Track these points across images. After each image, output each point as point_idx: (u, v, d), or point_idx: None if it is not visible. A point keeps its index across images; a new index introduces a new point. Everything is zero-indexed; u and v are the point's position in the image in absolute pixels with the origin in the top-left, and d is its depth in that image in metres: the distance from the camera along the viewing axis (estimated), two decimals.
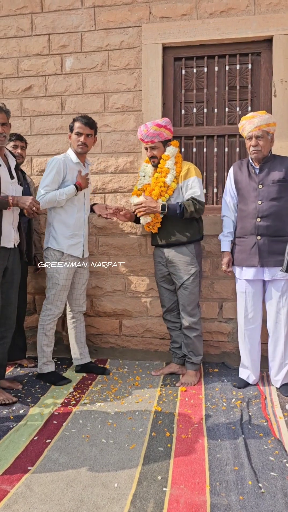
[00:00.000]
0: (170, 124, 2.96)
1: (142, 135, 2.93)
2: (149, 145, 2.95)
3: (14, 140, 3.15)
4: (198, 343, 3.00)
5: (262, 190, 2.72)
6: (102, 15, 3.40)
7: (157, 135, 2.90)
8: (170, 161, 2.92)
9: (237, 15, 3.20)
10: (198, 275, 2.97)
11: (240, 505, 1.71)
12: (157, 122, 2.90)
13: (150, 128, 2.90)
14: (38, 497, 1.76)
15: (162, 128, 2.90)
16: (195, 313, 2.98)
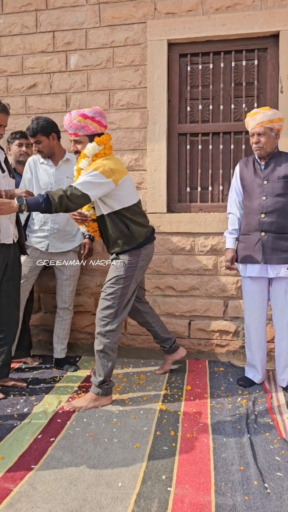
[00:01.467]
0: (101, 116, 2.54)
1: (66, 126, 2.55)
2: (73, 138, 2.57)
3: (19, 138, 3.13)
4: (102, 361, 2.54)
5: (267, 186, 2.69)
6: (107, 12, 3.38)
7: (81, 128, 2.51)
8: (84, 160, 2.53)
9: (243, 11, 3.17)
10: (121, 282, 2.53)
11: (245, 506, 1.69)
12: (82, 112, 2.50)
13: (73, 119, 2.50)
14: (42, 496, 1.75)
15: (88, 120, 2.49)
16: (106, 322, 2.54)
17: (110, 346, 2.55)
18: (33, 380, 2.99)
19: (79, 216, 2.58)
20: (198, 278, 3.37)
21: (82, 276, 3.56)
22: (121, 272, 2.55)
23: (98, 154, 2.54)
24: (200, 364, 3.27)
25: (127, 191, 2.56)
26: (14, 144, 3.13)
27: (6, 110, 2.61)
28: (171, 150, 3.43)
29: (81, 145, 2.57)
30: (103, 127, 2.58)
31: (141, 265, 2.63)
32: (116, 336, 2.57)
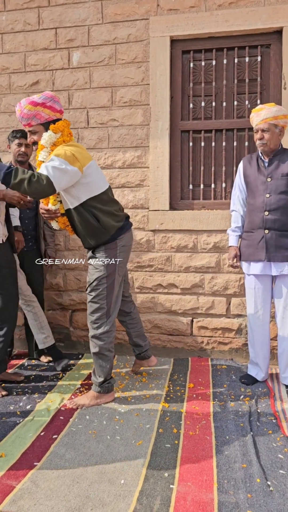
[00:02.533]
0: (53, 101, 2.37)
1: (18, 117, 2.39)
2: (27, 129, 2.42)
3: (19, 138, 3.09)
4: (100, 362, 2.52)
5: (270, 184, 2.68)
6: (110, 8, 3.36)
7: (33, 117, 2.34)
8: (43, 152, 2.37)
9: (246, 7, 3.15)
10: (104, 281, 2.45)
11: (248, 503, 1.68)
12: (31, 99, 2.33)
13: (23, 108, 2.33)
14: (44, 493, 1.75)
15: (39, 107, 2.32)
16: (99, 325, 2.48)
17: (106, 347, 2.51)
18: (36, 378, 2.99)
19: (47, 213, 2.46)
20: (201, 276, 3.36)
21: (85, 273, 3.56)
22: (102, 272, 2.45)
23: (57, 143, 2.37)
24: (203, 362, 3.26)
25: (94, 178, 2.39)
26: (13, 143, 3.11)
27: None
28: (174, 147, 3.41)
29: (37, 135, 2.41)
30: (57, 112, 2.40)
31: (120, 258, 2.50)
32: (110, 336, 2.52)
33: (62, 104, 3.47)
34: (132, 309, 2.89)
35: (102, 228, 2.42)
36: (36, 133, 2.41)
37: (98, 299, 2.47)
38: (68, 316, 3.62)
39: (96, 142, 3.46)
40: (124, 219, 2.55)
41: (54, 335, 3.64)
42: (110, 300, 2.49)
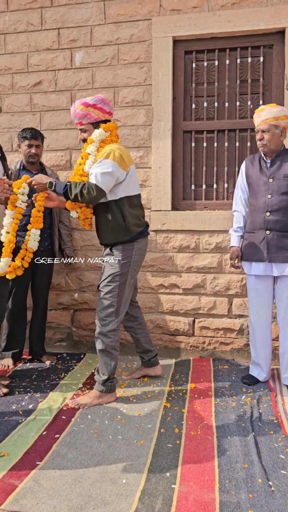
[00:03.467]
0: (103, 103, 2.53)
1: (72, 116, 2.59)
2: (78, 127, 2.59)
3: (29, 139, 3.07)
4: (105, 359, 2.55)
5: (272, 184, 2.68)
6: (112, 9, 3.37)
7: (84, 116, 2.52)
8: (92, 145, 2.51)
9: (249, 7, 3.15)
10: (117, 279, 2.51)
11: (249, 503, 1.69)
12: (84, 101, 2.51)
13: (76, 108, 2.53)
14: (47, 492, 1.76)
15: (90, 108, 2.50)
16: (107, 322, 2.53)
17: (112, 345, 2.54)
18: (38, 377, 3.00)
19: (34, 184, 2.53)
20: (203, 276, 3.36)
21: (86, 273, 3.57)
22: (117, 269, 2.52)
23: (105, 140, 2.55)
24: (204, 362, 3.27)
25: (132, 180, 2.56)
26: (24, 144, 3.10)
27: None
28: (176, 148, 3.42)
29: (87, 133, 2.58)
30: (106, 113, 2.57)
31: (135, 260, 2.58)
32: (117, 334, 2.56)
33: (65, 105, 3.49)
34: (139, 314, 2.92)
35: (125, 228, 2.52)
36: (86, 131, 2.58)
37: (109, 295, 2.53)
38: (70, 316, 3.63)
39: None
40: (144, 226, 2.66)
41: (56, 335, 3.66)
42: (120, 299, 2.55)
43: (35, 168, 3.20)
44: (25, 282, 3.18)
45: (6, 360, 3.22)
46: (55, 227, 3.27)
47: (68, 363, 3.30)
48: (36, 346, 3.32)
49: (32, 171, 3.18)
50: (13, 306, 3.17)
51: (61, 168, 3.55)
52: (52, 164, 3.56)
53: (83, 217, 2.62)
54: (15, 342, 3.24)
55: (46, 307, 3.36)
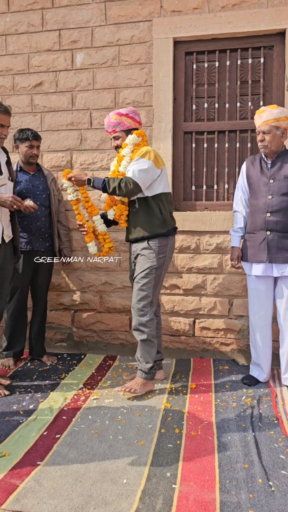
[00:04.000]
0: (135, 113, 2.79)
1: (106, 126, 2.81)
2: (112, 135, 2.81)
3: (31, 140, 3.09)
4: (147, 348, 2.71)
5: (273, 185, 2.69)
6: (113, 10, 3.38)
7: (117, 124, 2.75)
8: (127, 148, 2.73)
9: (250, 8, 3.16)
10: (153, 272, 2.68)
11: (250, 503, 1.69)
12: (117, 111, 2.77)
13: (111, 118, 2.76)
14: (47, 492, 1.76)
15: (123, 117, 2.75)
16: (144, 313, 2.69)
17: (152, 334, 2.72)
18: (39, 377, 3.01)
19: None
20: (203, 277, 3.37)
21: (87, 273, 3.58)
22: (154, 263, 2.69)
23: (138, 145, 2.75)
24: (205, 363, 3.27)
25: (164, 179, 2.76)
26: (24, 144, 3.10)
27: (8, 111, 2.69)
28: (177, 148, 3.43)
29: (120, 140, 2.79)
30: (137, 122, 2.80)
31: (168, 256, 2.77)
32: (154, 324, 2.74)
33: (66, 106, 3.50)
34: (158, 313, 3.00)
35: (162, 221, 2.71)
36: (119, 138, 2.79)
37: (146, 287, 2.69)
38: (70, 316, 3.64)
39: (99, 143, 3.48)
40: (174, 224, 2.83)
41: (56, 335, 3.67)
42: (155, 291, 2.74)
43: (32, 169, 3.22)
44: (26, 283, 3.19)
45: (7, 360, 3.23)
46: (55, 227, 3.28)
47: (69, 363, 3.30)
48: (37, 346, 3.33)
49: (29, 172, 3.20)
50: (14, 306, 3.18)
51: (62, 169, 3.56)
52: (53, 165, 3.57)
53: (119, 213, 2.77)
54: (16, 342, 3.25)
55: (46, 307, 3.38)
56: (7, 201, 2.60)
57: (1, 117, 2.63)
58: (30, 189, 3.15)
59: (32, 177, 3.19)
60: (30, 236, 3.15)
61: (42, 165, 3.40)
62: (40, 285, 3.27)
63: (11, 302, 3.18)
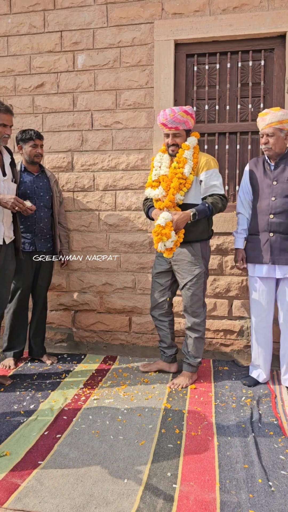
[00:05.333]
0: (194, 114, 2.81)
1: (167, 120, 2.70)
2: (172, 132, 2.74)
3: (34, 139, 3.10)
4: (199, 345, 2.90)
5: (276, 187, 2.70)
6: (115, 12, 3.39)
7: (183, 122, 2.71)
8: (189, 151, 2.73)
9: (250, 11, 3.18)
10: (203, 276, 2.84)
11: (250, 503, 1.71)
12: (184, 109, 2.70)
13: (177, 113, 2.68)
14: (49, 491, 1.78)
15: (189, 116, 2.72)
16: (198, 314, 2.87)
17: (204, 332, 2.93)
18: (39, 377, 3.02)
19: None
20: None
21: (88, 274, 3.59)
22: (202, 268, 2.84)
23: (196, 147, 2.80)
24: (205, 363, 3.29)
25: None
26: (28, 144, 3.10)
27: (9, 110, 2.68)
28: None
29: (179, 138, 2.77)
30: (193, 124, 2.85)
31: (208, 257, 2.94)
32: (205, 323, 2.94)
33: (67, 107, 3.51)
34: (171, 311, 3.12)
35: (208, 226, 2.86)
36: (179, 137, 2.77)
37: (198, 291, 2.85)
38: (71, 317, 3.65)
39: (100, 144, 3.49)
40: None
41: (56, 336, 3.68)
42: (205, 293, 2.93)
43: (36, 169, 3.23)
44: (28, 283, 3.20)
45: (7, 360, 3.24)
46: (56, 228, 3.29)
47: (69, 363, 3.31)
48: (37, 346, 3.34)
49: (33, 173, 3.20)
50: (15, 306, 3.19)
51: (63, 170, 3.57)
52: (54, 165, 3.58)
53: (181, 240, 2.73)
54: (16, 342, 3.26)
55: (46, 307, 3.39)
56: (8, 203, 2.61)
57: (2, 117, 2.63)
58: (34, 190, 3.16)
59: (36, 178, 3.20)
60: (33, 237, 3.16)
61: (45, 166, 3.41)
62: (41, 285, 3.29)
63: (12, 303, 3.19)
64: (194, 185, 2.75)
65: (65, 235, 3.45)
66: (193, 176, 2.73)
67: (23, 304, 3.23)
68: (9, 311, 3.21)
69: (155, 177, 2.83)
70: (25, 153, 3.13)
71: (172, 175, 2.72)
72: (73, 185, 3.57)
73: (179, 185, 2.70)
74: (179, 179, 2.70)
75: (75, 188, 3.57)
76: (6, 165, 2.76)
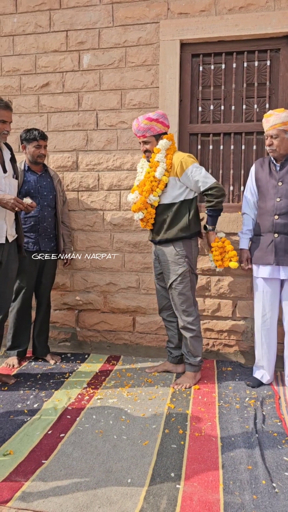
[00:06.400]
0: (164, 118, 2.85)
1: (135, 130, 2.85)
2: (141, 140, 2.87)
3: (38, 140, 3.10)
4: (196, 344, 2.90)
5: (281, 188, 2.69)
6: (120, 11, 3.39)
7: (148, 129, 2.80)
8: (160, 154, 2.81)
9: (257, 11, 3.17)
10: (187, 275, 2.85)
11: (253, 504, 1.70)
12: (148, 116, 2.81)
13: (141, 122, 2.81)
14: (52, 490, 1.78)
15: (153, 122, 2.80)
16: (189, 313, 2.88)
17: (199, 330, 2.92)
18: (43, 376, 3.02)
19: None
20: (207, 278, 3.38)
21: (92, 274, 3.59)
22: (186, 267, 2.84)
23: (170, 148, 2.84)
24: (208, 364, 3.28)
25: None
26: (31, 145, 3.11)
27: (9, 106, 2.67)
28: (182, 150, 3.43)
29: (149, 144, 2.86)
30: (166, 127, 2.87)
31: (194, 256, 2.92)
32: (199, 319, 2.94)
33: (72, 106, 3.52)
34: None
35: (191, 224, 2.84)
36: (149, 143, 2.86)
37: (185, 290, 2.86)
38: (74, 316, 3.65)
39: (105, 144, 3.49)
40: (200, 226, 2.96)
41: (60, 335, 3.68)
42: (193, 291, 2.93)
43: (39, 169, 3.24)
44: (32, 282, 3.21)
45: (11, 359, 3.24)
46: (60, 227, 3.29)
47: (73, 363, 3.32)
48: (40, 345, 3.35)
49: (37, 172, 3.21)
50: (19, 305, 3.20)
51: (67, 170, 3.58)
52: (59, 165, 3.58)
53: (148, 217, 2.88)
54: (20, 341, 3.27)
55: (49, 306, 3.40)
56: (8, 203, 2.60)
57: (2, 113, 2.61)
58: (38, 189, 3.16)
59: (40, 178, 3.21)
60: (37, 236, 3.16)
61: (48, 166, 3.42)
62: (44, 285, 3.29)
63: (16, 302, 3.20)
64: (171, 186, 2.82)
65: (68, 235, 3.45)
66: (167, 178, 2.80)
67: (27, 303, 3.24)
68: (13, 310, 3.21)
69: (137, 182, 2.96)
70: (28, 153, 3.14)
71: (146, 179, 2.84)
72: (77, 185, 3.57)
73: (152, 187, 2.81)
74: (151, 182, 2.81)
75: (80, 188, 3.57)
76: (7, 161, 2.75)
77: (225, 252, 2.92)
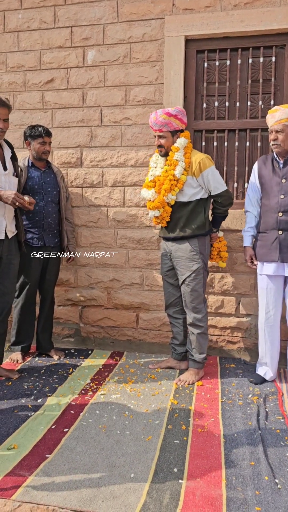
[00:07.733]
0: (182, 114, 2.83)
1: (151, 123, 2.83)
2: (157, 134, 2.85)
3: (43, 136, 3.10)
4: (202, 341, 2.92)
5: (285, 185, 2.69)
6: (125, 7, 3.38)
7: (165, 124, 2.79)
8: (179, 153, 2.81)
9: (262, 7, 3.15)
10: (201, 271, 2.88)
11: (256, 500, 1.71)
12: (167, 111, 2.79)
13: (159, 116, 2.79)
14: (56, 484, 1.79)
15: (172, 118, 2.78)
16: (199, 309, 2.90)
17: (207, 327, 2.96)
18: (46, 372, 3.04)
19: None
20: (211, 275, 3.38)
21: (95, 270, 3.60)
22: (200, 264, 2.87)
23: (187, 147, 2.84)
24: (211, 360, 3.29)
25: None
26: (36, 141, 3.10)
27: (6, 104, 2.65)
28: None
29: (164, 140, 2.84)
30: (183, 124, 2.85)
31: (207, 253, 2.96)
32: (207, 317, 2.98)
33: (77, 103, 3.52)
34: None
35: (206, 222, 2.89)
36: (164, 138, 2.84)
37: (198, 287, 2.89)
38: (78, 312, 3.67)
39: (109, 140, 3.49)
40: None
41: (64, 331, 3.70)
42: (204, 289, 2.95)
43: (43, 165, 3.24)
44: (36, 278, 3.22)
45: (15, 354, 3.26)
46: (63, 223, 3.30)
47: (76, 358, 3.33)
48: (44, 340, 3.36)
49: (41, 168, 3.22)
50: (23, 301, 3.21)
51: (72, 166, 3.58)
52: (63, 161, 3.58)
53: (164, 215, 2.88)
54: (24, 336, 3.29)
55: (53, 302, 3.41)
56: (9, 198, 2.62)
57: None
58: (42, 185, 3.17)
59: (43, 174, 3.21)
60: (41, 232, 3.18)
61: (52, 162, 3.42)
62: (48, 280, 3.30)
63: (20, 297, 3.21)
64: (188, 184, 2.83)
65: (71, 231, 3.46)
66: (185, 177, 2.81)
67: (31, 299, 3.25)
68: (17, 306, 3.23)
69: (151, 177, 2.93)
70: (33, 149, 3.14)
71: (164, 177, 2.82)
72: (82, 181, 3.57)
73: (171, 186, 2.80)
74: (170, 181, 2.79)
75: (84, 184, 3.57)
76: (7, 159, 2.76)
77: (220, 251, 3.02)
